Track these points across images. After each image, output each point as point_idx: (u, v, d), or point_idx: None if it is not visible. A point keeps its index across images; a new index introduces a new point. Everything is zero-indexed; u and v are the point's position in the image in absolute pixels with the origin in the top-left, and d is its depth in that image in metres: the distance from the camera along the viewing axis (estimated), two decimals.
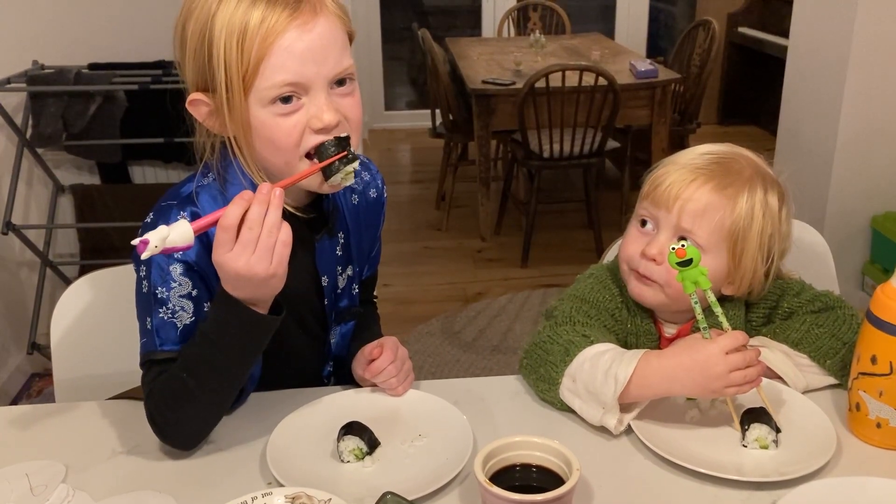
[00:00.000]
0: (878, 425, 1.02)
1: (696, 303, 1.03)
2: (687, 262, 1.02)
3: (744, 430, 1.02)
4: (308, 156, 1.00)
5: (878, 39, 2.60)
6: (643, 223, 1.15)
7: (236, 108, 0.97)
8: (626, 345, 1.18)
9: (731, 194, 1.10)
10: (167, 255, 1.01)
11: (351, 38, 1.03)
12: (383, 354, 1.12)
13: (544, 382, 1.11)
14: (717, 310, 1.03)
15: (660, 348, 1.18)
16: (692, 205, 1.09)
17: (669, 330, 1.19)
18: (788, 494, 0.92)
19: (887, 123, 2.71)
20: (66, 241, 2.97)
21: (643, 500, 0.95)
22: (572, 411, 1.08)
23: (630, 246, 1.15)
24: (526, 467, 0.90)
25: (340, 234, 1.16)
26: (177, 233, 0.88)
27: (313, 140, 0.99)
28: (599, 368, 1.04)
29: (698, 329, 1.03)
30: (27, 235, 2.71)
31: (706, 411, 1.09)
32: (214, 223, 0.91)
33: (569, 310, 1.17)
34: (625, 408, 1.04)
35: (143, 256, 0.87)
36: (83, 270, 2.84)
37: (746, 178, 1.11)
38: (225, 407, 1.06)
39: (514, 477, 0.89)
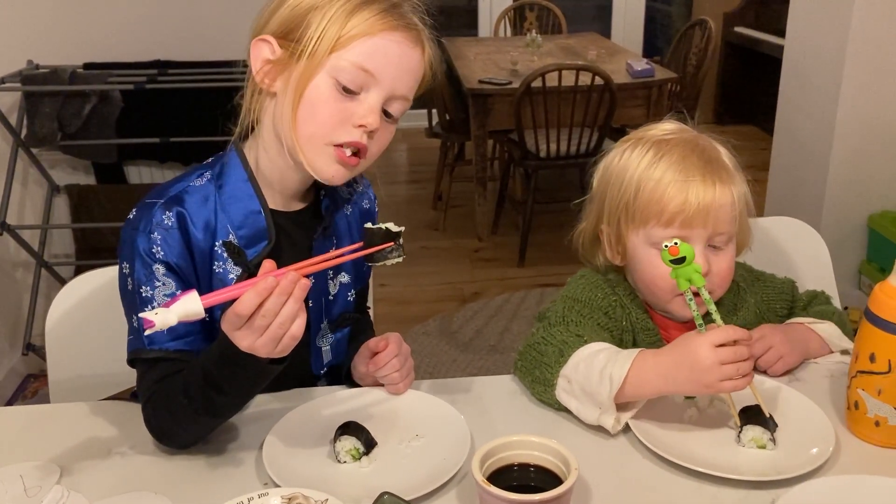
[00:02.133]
0: (877, 423, 1.01)
1: (690, 300, 1.02)
2: (680, 260, 1.02)
3: (739, 431, 1.02)
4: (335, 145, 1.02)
5: (873, 38, 2.61)
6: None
7: (310, 65, 0.98)
8: (622, 342, 1.17)
9: (729, 180, 1.12)
10: (150, 255, 1.01)
11: (422, 86, 1.07)
12: (388, 347, 1.12)
13: (540, 384, 1.10)
14: (712, 307, 1.02)
15: (665, 341, 1.18)
16: (723, 211, 1.10)
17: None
18: (787, 493, 0.91)
19: (883, 122, 2.71)
20: (61, 241, 2.96)
21: (641, 500, 0.94)
22: (570, 411, 1.08)
23: (669, 274, 1.05)
24: (524, 467, 0.90)
25: (334, 239, 1.16)
26: (186, 308, 0.85)
27: (347, 133, 1.01)
28: (595, 368, 1.03)
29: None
30: (22, 236, 2.71)
31: (704, 410, 1.08)
32: (228, 300, 0.88)
33: (562, 310, 1.17)
34: (622, 407, 1.04)
35: (148, 332, 0.86)
36: (78, 271, 2.83)
37: (720, 154, 1.15)
38: (224, 422, 1.05)
39: (512, 476, 0.89)
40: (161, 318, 0.84)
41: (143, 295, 1.02)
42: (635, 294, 1.20)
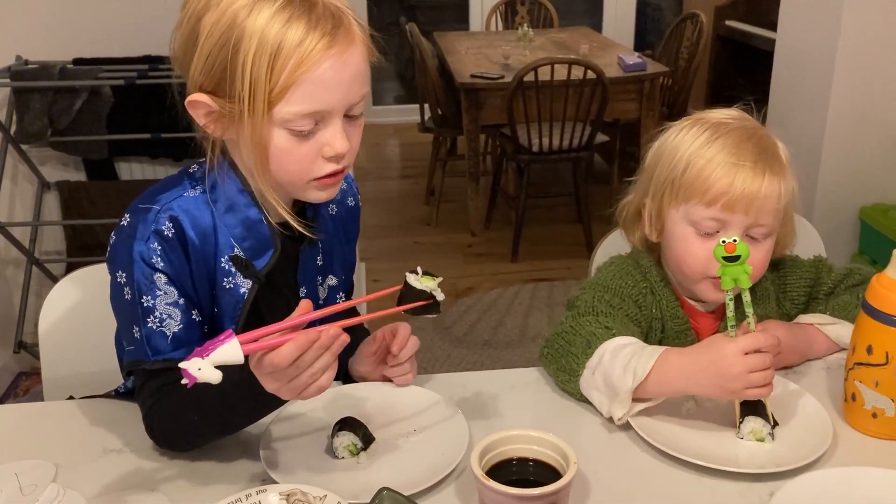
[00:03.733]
0: (874, 415, 1.02)
1: (730, 300, 1.01)
2: (734, 259, 1.00)
3: (739, 423, 1.02)
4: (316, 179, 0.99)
5: (865, 31, 2.61)
6: (711, 232, 1.11)
7: (255, 124, 0.93)
8: (651, 330, 1.18)
9: (781, 173, 1.11)
10: (150, 263, 0.99)
11: (372, 62, 1.02)
12: (410, 342, 1.11)
13: (565, 373, 1.10)
14: (749, 310, 1.01)
15: (694, 330, 1.19)
16: (768, 202, 1.09)
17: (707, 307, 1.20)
18: (785, 485, 0.92)
19: (875, 115, 2.72)
20: (52, 238, 2.94)
21: (641, 493, 0.94)
22: (590, 403, 1.08)
23: (700, 254, 1.11)
24: (523, 461, 0.89)
25: (320, 245, 1.15)
26: (226, 357, 0.82)
27: (324, 167, 0.98)
28: (619, 362, 1.04)
29: (726, 326, 1.01)
30: (12, 233, 2.69)
31: (702, 403, 1.08)
32: (266, 348, 0.85)
33: (591, 299, 1.16)
34: (636, 401, 1.03)
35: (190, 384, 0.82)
36: (70, 268, 2.81)
37: (777, 148, 1.13)
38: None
39: (511, 471, 0.89)
40: (205, 373, 0.80)
41: (145, 305, 0.99)
42: (667, 280, 1.20)
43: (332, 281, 1.18)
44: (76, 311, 1.30)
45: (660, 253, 1.21)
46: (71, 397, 1.21)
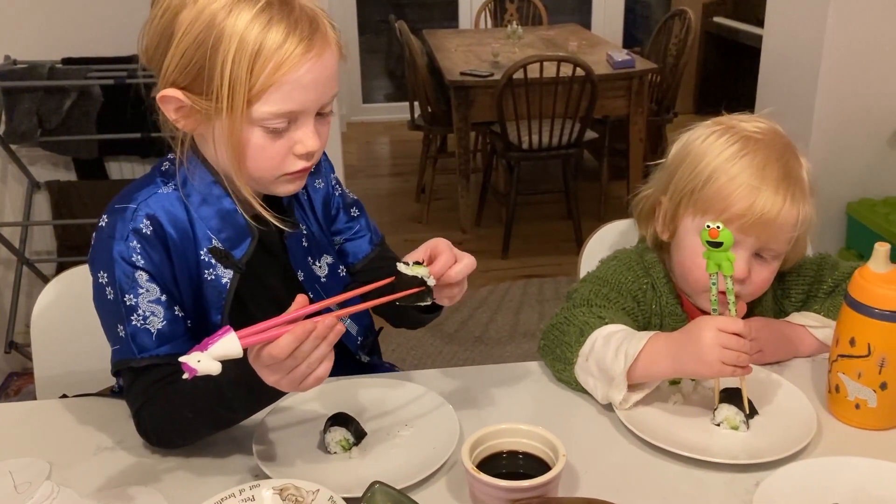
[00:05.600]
0: (857, 406, 1.03)
1: (713, 284, 1.03)
2: (717, 245, 1.01)
3: (714, 410, 1.04)
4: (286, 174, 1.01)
5: (851, 28, 2.63)
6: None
7: (233, 122, 0.94)
8: (649, 326, 1.19)
9: (801, 199, 1.11)
10: (130, 262, 1.00)
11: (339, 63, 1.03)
12: (441, 249, 1.01)
13: (560, 363, 1.12)
14: (731, 298, 1.02)
15: None
16: (783, 231, 1.10)
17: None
18: (771, 475, 0.93)
19: (861, 111, 2.74)
20: (42, 238, 2.93)
21: (629, 485, 0.96)
22: (586, 392, 1.10)
23: (702, 263, 1.07)
24: (513, 454, 0.91)
25: (302, 226, 1.16)
26: (225, 350, 0.83)
27: (295, 164, 1.00)
28: (611, 346, 1.05)
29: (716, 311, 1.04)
30: (2, 233, 2.68)
31: (688, 395, 1.10)
32: (264, 341, 0.86)
33: (587, 293, 1.18)
34: (633, 388, 1.05)
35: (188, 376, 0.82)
36: (60, 268, 2.81)
37: (801, 170, 1.13)
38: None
39: (501, 464, 0.90)
40: (204, 364, 0.81)
41: (128, 303, 1.00)
42: (669, 278, 1.21)
43: (328, 259, 1.19)
44: (68, 311, 1.30)
45: (668, 252, 1.22)
46: (64, 395, 1.21)
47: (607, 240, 1.44)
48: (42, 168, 2.87)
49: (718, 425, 1.04)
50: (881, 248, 1.00)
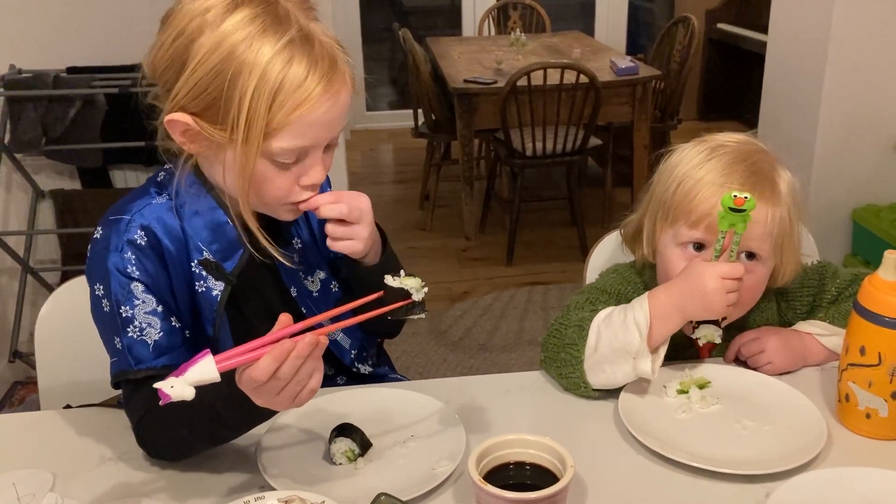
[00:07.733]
0: (868, 416, 1.02)
1: (722, 238, 1.05)
2: (739, 211, 1.02)
3: (693, 327, 1.08)
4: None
5: (856, 33, 2.63)
6: (698, 247, 1.12)
7: (247, 154, 0.94)
8: None
9: (772, 199, 1.10)
10: (125, 273, 1.00)
11: None
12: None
13: (567, 367, 1.10)
14: (734, 247, 1.05)
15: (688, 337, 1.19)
16: (754, 228, 1.07)
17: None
18: (781, 487, 0.92)
19: (866, 117, 2.73)
20: (46, 247, 2.94)
21: (637, 496, 0.95)
22: (593, 399, 1.10)
23: None
24: (520, 465, 0.90)
25: (296, 241, 1.15)
26: (202, 375, 0.82)
27: (300, 195, 1.01)
28: (614, 324, 1.05)
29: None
30: (7, 242, 2.68)
31: (696, 405, 1.09)
32: (243, 364, 0.85)
33: (583, 300, 1.18)
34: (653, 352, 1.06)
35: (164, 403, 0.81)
36: (65, 276, 2.81)
37: (774, 174, 1.12)
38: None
39: (509, 475, 0.89)
40: (178, 390, 0.80)
41: (124, 315, 1.00)
42: None
43: (321, 275, 1.19)
44: (72, 320, 1.30)
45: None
46: (68, 406, 1.21)
47: (612, 247, 1.44)
48: (46, 177, 2.88)
49: (698, 339, 1.11)
50: (891, 256, 0.99)
